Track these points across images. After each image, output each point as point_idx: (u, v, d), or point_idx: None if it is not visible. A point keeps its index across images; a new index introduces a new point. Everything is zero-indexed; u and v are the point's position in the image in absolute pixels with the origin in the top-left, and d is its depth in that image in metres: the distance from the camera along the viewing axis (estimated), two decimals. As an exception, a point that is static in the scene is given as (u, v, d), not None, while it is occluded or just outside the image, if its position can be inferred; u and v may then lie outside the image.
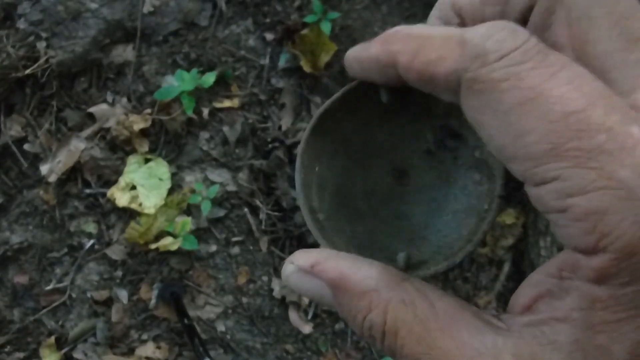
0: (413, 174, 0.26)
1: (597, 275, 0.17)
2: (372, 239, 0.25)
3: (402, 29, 0.21)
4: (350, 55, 0.23)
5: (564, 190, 0.17)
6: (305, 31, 1.13)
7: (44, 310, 1.11)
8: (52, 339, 1.10)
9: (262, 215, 1.15)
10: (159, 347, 1.11)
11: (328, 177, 0.25)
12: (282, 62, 1.16)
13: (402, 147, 0.25)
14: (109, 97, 1.14)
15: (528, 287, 0.20)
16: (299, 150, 0.24)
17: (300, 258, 0.21)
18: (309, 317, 1.15)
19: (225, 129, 1.15)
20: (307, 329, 1.14)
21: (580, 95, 0.17)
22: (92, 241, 1.13)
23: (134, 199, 1.11)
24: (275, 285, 1.14)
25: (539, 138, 0.17)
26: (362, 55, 0.22)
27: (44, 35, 1.09)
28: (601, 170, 0.16)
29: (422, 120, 0.25)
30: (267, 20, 1.16)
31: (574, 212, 0.17)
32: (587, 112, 0.17)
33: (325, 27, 1.11)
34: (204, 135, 1.15)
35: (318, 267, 0.20)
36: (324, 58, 1.14)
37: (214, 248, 1.14)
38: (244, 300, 1.14)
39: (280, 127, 1.16)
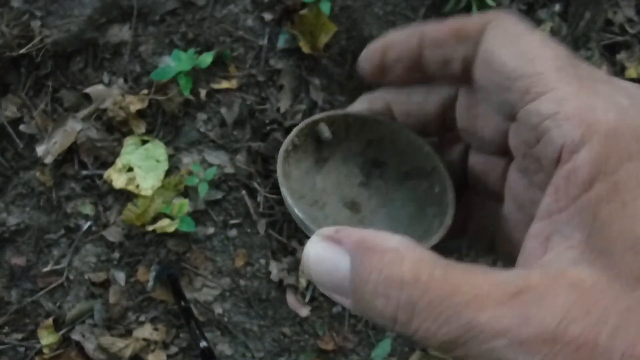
0: (361, 202, 0.29)
1: (590, 169, 0.17)
2: None
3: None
4: (376, 41, 0.25)
5: (559, 96, 0.19)
6: (304, 11, 1.11)
7: (42, 292, 1.11)
8: (50, 320, 1.10)
9: (259, 198, 1.14)
10: (156, 329, 1.11)
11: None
12: (281, 43, 1.14)
13: (341, 186, 0.29)
14: (105, 78, 1.12)
15: (532, 239, 0.19)
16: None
17: (327, 229, 0.22)
18: (307, 300, 1.15)
19: (223, 110, 1.13)
20: (304, 312, 1.14)
21: None
22: (89, 223, 1.12)
23: (131, 180, 1.11)
24: (273, 268, 1.14)
25: (547, 62, 0.20)
26: (389, 35, 0.25)
27: (38, 14, 1.07)
28: (592, 84, 0.19)
29: (349, 161, 0.29)
30: (266, -1, 1.14)
31: (565, 111, 0.19)
32: (580, 60, 0.21)
33: (325, 7, 1.09)
34: (202, 116, 1.14)
35: (342, 232, 0.21)
36: (324, 39, 1.13)
37: (211, 230, 1.14)
38: (242, 282, 1.14)
39: (278, 109, 1.14)
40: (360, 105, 0.28)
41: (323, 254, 0.21)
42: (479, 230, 0.27)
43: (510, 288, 0.17)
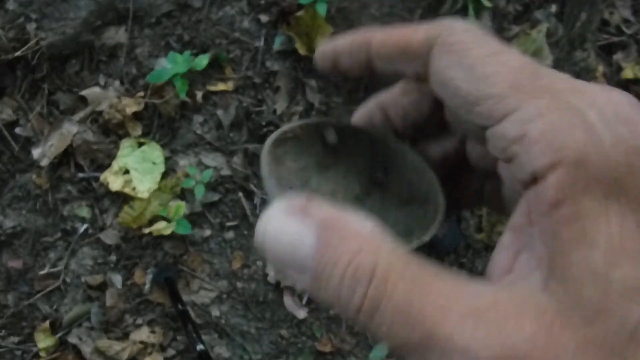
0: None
1: (556, 194, 0.17)
2: None
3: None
4: (326, 45, 0.26)
5: (523, 118, 0.19)
6: (300, 13, 1.11)
7: (39, 295, 1.11)
8: (47, 323, 1.10)
9: (256, 200, 1.14)
10: (153, 332, 1.11)
11: None
12: (277, 45, 1.14)
13: (336, 194, 0.29)
14: (101, 80, 1.12)
15: (503, 250, 0.20)
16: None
17: (295, 199, 0.19)
18: (304, 302, 1.15)
19: (219, 112, 1.13)
20: (301, 314, 1.14)
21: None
22: (85, 225, 1.12)
23: (127, 183, 1.10)
24: (270, 270, 1.14)
25: (501, 78, 0.19)
26: (337, 42, 0.25)
27: (33, 16, 1.07)
28: (556, 99, 0.18)
29: (350, 176, 0.29)
30: (262, 1, 1.14)
31: (531, 135, 0.18)
32: (537, 66, 0.20)
33: (321, 9, 1.09)
34: (198, 118, 1.14)
35: (310, 204, 0.19)
36: (320, 40, 1.13)
37: (208, 233, 1.13)
38: (239, 285, 1.14)
39: (275, 111, 1.14)
40: (361, 119, 0.28)
41: (285, 226, 0.19)
42: (491, 197, 0.27)
43: (477, 302, 0.17)
